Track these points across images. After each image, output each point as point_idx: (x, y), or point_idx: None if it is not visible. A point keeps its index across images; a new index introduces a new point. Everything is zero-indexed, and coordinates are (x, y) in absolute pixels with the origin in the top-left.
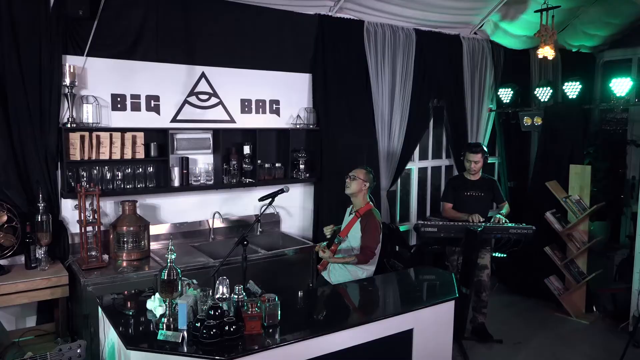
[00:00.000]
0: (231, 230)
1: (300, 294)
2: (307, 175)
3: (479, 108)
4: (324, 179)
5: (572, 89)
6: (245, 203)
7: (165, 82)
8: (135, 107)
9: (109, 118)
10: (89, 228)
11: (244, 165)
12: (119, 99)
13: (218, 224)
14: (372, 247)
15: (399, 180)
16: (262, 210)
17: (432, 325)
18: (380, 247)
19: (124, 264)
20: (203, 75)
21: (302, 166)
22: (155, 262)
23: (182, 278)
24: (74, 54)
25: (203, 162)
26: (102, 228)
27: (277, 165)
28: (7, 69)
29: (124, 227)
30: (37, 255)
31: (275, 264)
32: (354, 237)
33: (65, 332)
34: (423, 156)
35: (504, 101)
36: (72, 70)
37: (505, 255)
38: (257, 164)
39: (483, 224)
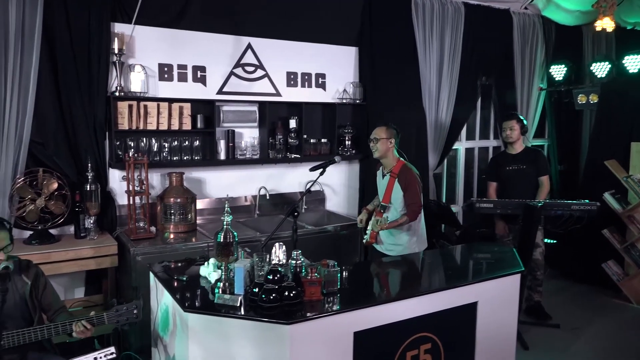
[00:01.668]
0: (275, 206)
1: (356, 263)
2: (354, 152)
3: (529, 87)
4: (371, 156)
5: (633, 62)
6: (290, 179)
7: (212, 52)
8: (182, 78)
9: (156, 88)
10: (137, 199)
11: (290, 140)
12: (165, 69)
13: (262, 200)
14: (418, 202)
15: (445, 162)
16: (307, 187)
17: (497, 299)
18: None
19: (171, 236)
20: (249, 46)
21: (348, 142)
22: (203, 234)
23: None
24: (122, 22)
25: (249, 135)
26: (148, 201)
27: (322, 140)
28: (57, 36)
29: (171, 199)
30: (86, 225)
31: (322, 239)
32: (397, 199)
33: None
34: (470, 136)
35: (556, 79)
36: (120, 38)
37: (555, 241)
38: (303, 138)
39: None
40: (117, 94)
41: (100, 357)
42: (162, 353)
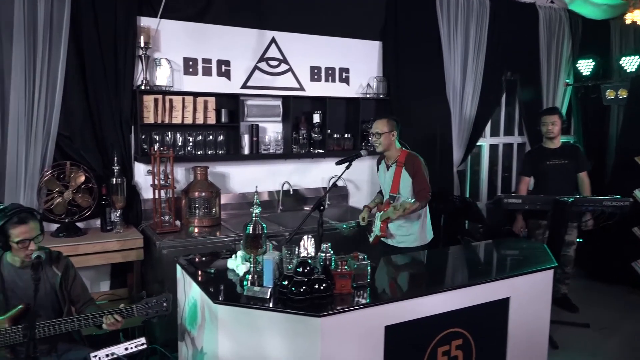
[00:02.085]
0: (298, 202)
1: (383, 257)
2: None
3: (555, 82)
4: None
5: None
6: (313, 174)
7: (236, 46)
8: (207, 72)
9: (181, 82)
10: (162, 193)
11: (313, 135)
12: (190, 63)
13: (285, 195)
14: (427, 188)
15: (468, 158)
16: (333, 181)
17: (529, 295)
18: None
19: (196, 230)
20: (273, 40)
21: (371, 139)
22: (227, 229)
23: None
24: (147, 16)
25: (272, 130)
26: (173, 195)
27: (346, 136)
28: (84, 31)
29: (196, 193)
30: (112, 218)
31: (345, 235)
32: (405, 188)
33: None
34: (494, 132)
35: (584, 73)
36: (146, 32)
37: (581, 240)
38: (326, 133)
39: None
40: (142, 87)
41: (131, 348)
42: (190, 346)
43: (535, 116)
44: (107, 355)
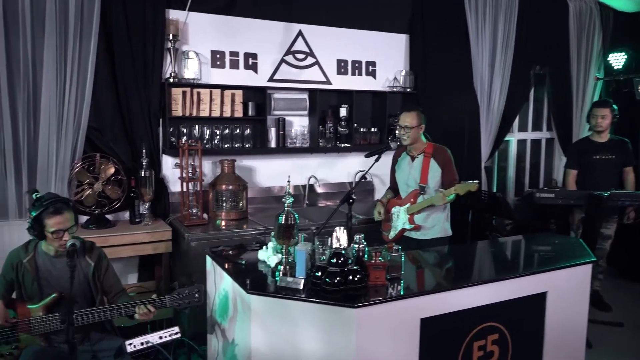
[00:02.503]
0: (325, 196)
1: (413, 251)
2: None
3: (585, 77)
4: None
5: None
6: (339, 169)
7: (263, 39)
8: (234, 65)
9: (208, 75)
10: (189, 186)
11: (340, 129)
12: (218, 56)
13: (311, 189)
14: (457, 178)
15: (495, 154)
16: (363, 173)
17: (567, 290)
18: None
19: (223, 223)
20: (300, 33)
21: (398, 132)
22: (254, 222)
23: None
24: (176, 8)
25: (299, 124)
26: (201, 188)
27: (372, 129)
28: (114, 23)
29: (223, 186)
30: (140, 211)
31: (371, 229)
32: (433, 179)
33: (167, 290)
34: (522, 127)
35: (615, 67)
36: (174, 25)
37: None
38: (353, 127)
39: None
40: (171, 80)
41: (165, 337)
42: (220, 338)
43: (564, 110)
44: (142, 344)
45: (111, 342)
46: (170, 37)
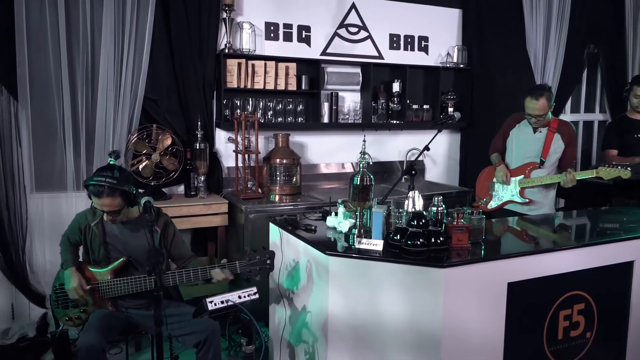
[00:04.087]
0: (375, 175)
1: (496, 219)
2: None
3: None
4: (474, 125)
5: None
6: (390, 147)
7: (316, 12)
8: (287, 37)
9: (262, 47)
10: (245, 160)
11: (392, 105)
12: (272, 28)
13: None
14: (576, 157)
15: None
16: (407, 157)
17: None
18: None
19: (277, 198)
20: (353, 6)
21: (450, 109)
22: (309, 196)
23: None
24: None
25: (351, 99)
26: (254, 163)
27: (424, 107)
28: None
29: (277, 160)
30: (196, 184)
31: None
32: (554, 154)
33: None
34: (574, 109)
35: None
36: None
37: None
38: (406, 103)
39: None
40: (226, 51)
41: (244, 296)
42: (287, 309)
43: (620, 91)
44: (222, 302)
45: (179, 309)
46: (226, 7)
